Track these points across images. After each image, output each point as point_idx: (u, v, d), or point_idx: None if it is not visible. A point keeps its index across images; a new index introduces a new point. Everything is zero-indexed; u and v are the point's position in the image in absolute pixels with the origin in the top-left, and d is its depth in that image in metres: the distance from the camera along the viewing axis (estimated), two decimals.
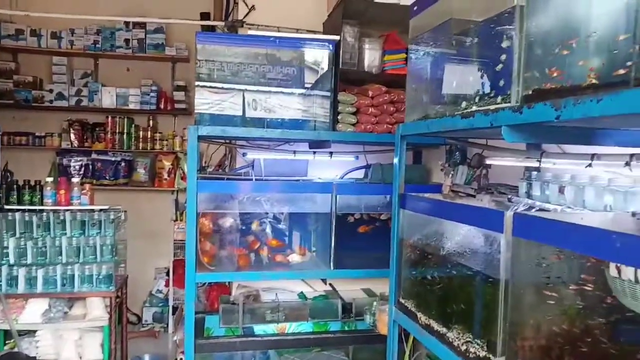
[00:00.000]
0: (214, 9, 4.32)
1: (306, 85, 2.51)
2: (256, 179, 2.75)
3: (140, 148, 5.38)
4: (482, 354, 1.43)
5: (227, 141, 3.15)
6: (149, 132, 5.41)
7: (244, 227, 2.74)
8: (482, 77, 1.51)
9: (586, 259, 1.12)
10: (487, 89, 1.44)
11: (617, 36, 0.99)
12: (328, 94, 2.54)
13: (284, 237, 2.84)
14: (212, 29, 3.87)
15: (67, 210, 3.49)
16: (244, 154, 2.87)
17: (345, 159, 3.03)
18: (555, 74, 1.14)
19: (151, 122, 5.46)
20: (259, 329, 2.79)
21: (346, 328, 2.86)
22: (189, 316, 2.46)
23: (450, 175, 2.12)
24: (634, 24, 0.94)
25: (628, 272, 0.93)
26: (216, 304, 3.12)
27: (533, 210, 1.71)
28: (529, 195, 1.90)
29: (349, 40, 2.57)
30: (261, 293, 3.01)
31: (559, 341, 1.23)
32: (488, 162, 2.03)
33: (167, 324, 5.01)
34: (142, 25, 5.21)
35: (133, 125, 5.41)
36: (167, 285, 5.18)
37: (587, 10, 1.14)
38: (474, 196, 1.99)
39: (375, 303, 2.65)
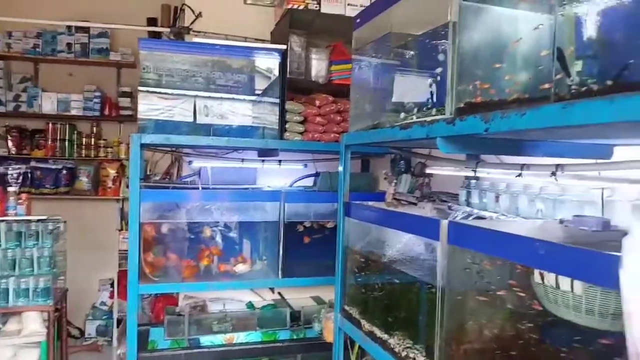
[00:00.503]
0: (161, 14, 4.25)
1: (255, 94, 2.51)
2: (203, 188, 2.72)
3: (83, 155, 5.19)
4: (421, 359, 1.47)
5: (174, 149, 3.09)
6: (93, 139, 5.23)
7: (192, 237, 2.69)
8: (420, 89, 1.55)
9: (515, 265, 1.17)
10: (425, 101, 1.48)
11: (540, 52, 1.05)
12: (276, 102, 2.55)
13: (234, 247, 2.81)
14: (158, 35, 3.80)
15: (2, 221, 3.31)
16: (189, 162, 2.82)
17: (294, 167, 3.04)
18: (485, 88, 1.19)
19: (95, 128, 5.28)
20: (205, 340, 2.74)
21: (295, 337, 2.86)
22: (131, 329, 2.38)
23: (393, 183, 2.17)
24: (553, 41, 1.00)
25: (550, 278, 0.97)
26: (162, 315, 3.04)
27: (471, 217, 1.78)
28: (468, 203, 1.97)
29: (296, 49, 2.59)
30: (209, 303, 2.96)
31: (492, 345, 1.28)
32: (428, 171, 2.09)
33: (112, 338, 4.83)
34: (85, 29, 5.04)
35: (75, 132, 5.21)
36: (111, 297, 4.99)
37: (514, 27, 1.20)
38: (415, 204, 2.04)
39: (323, 311, 2.67)
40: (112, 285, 4.98)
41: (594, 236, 1.13)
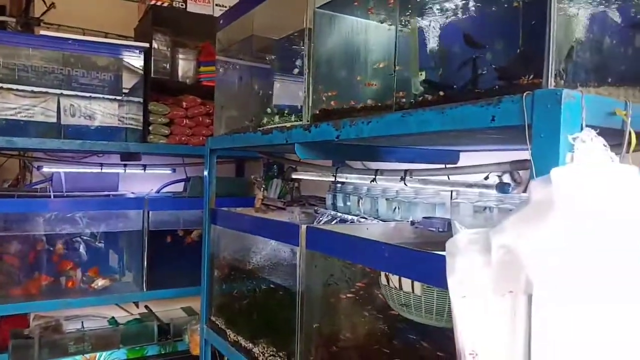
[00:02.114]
0: (9, 3, 3.80)
1: (115, 94, 2.34)
2: (55, 196, 2.46)
3: None
4: None
5: (22, 153, 2.76)
6: None
7: (44, 249, 2.42)
8: (295, 93, 1.55)
9: (365, 269, 1.20)
10: (285, 107, 1.48)
11: (385, 63, 1.09)
12: (139, 103, 2.39)
13: (94, 259, 2.57)
14: (4, 24, 3.39)
15: None
16: (38, 168, 2.55)
17: (160, 172, 2.89)
18: (334, 95, 1.20)
19: None
20: None
21: (163, 351, 2.70)
22: None
23: (262, 188, 2.14)
24: (394, 54, 1.04)
25: (394, 279, 1.01)
26: (8, 340, 2.69)
27: (334, 221, 1.81)
28: (334, 206, 2.01)
29: (160, 48, 2.46)
30: (64, 322, 2.69)
31: (349, 346, 1.30)
32: (293, 176, 2.10)
33: None
34: None
35: None
36: None
37: (364, 37, 1.23)
38: (284, 209, 2.03)
39: (194, 322, 2.56)
40: None
41: (441, 236, 1.19)
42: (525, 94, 0.74)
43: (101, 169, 2.65)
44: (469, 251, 0.67)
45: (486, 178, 1.27)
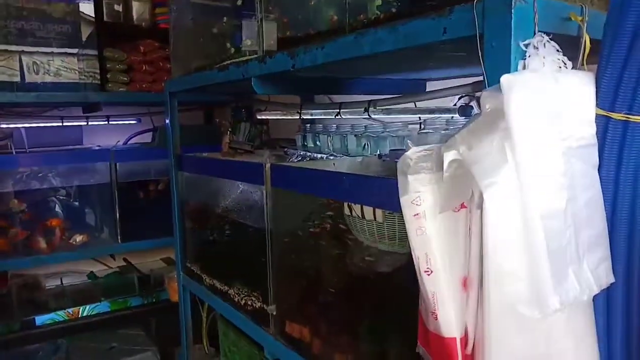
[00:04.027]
0: None
1: (74, 46, 2.22)
2: (17, 152, 2.37)
3: None
4: (258, 305, 1.46)
5: None
6: None
7: (15, 207, 2.36)
8: (239, 28, 1.47)
9: (332, 202, 1.18)
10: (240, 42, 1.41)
11: None
12: (93, 51, 2.27)
13: (69, 216, 2.53)
14: None
15: None
16: None
17: (125, 123, 2.80)
18: (287, 22, 1.14)
19: None
20: (43, 319, 2.48)
21: (146, 302, 2.72)
22: None
23: (229, 132, 2.09)
24: None
25: (357, 209, 0.99)
26: None
27: (305, 160, 1.78)
28: (304, 147, 1.98)
29: None
30: (43, 279, 2.67)
31: (319, 281, 1.30)
32: (259, 117, 2.04)
33: None
34: None
35: None
36: None
37: None
38: (252, 152, 1.99)
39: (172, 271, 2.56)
40: None
41: None
42: (475, 1, 0.69)
43: (62, 123, 2.55)
44: (420, 169, 0.65)
45: (455, 105, 1.24)
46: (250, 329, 1.49)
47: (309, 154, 1.84)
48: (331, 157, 1.68)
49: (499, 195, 0.57)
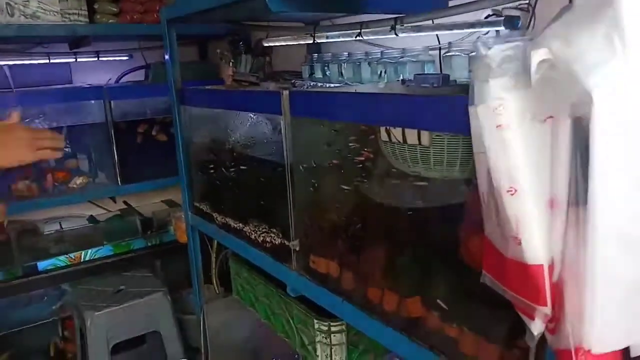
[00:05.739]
0: None
1: None
2: (2, 91, 2.23)
3: None
4: (278, 241, 1.40)
5: None
6: None
7: None
8: None
9: (359, 128, 1.09)
10: None
11: None
12: None
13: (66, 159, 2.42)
14: None
15: None
16: None
17: (116, 59, 2.63)
18: None
19: None
20: (45, 264, 2.43)
21: (149, 244, 2.67)
22: None
23: (231, 63, 1.96)
24: None
25: (396, 133, 0.91)
26: None
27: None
28: (312, 78, 1.87)
29: None
30: (41, 225, 2.60)
31: (345, 215, 1.24)
32: (265, 44, 1.91)
33: None
34: None
35: None
36: None
37: None
38: (258, 84, 1.87)
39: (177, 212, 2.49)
40: None
41: (436, 91, 1.08)
42: None
43: (48, 60, 2.38)
44: (503, 71, 0.56)
45: (486, 17, 1.13)
46: (270, 265, 1.44)
47: (319, 84, 1.73)
48: (345, 87, 1.58)
49: (611, 97, 0.48)
